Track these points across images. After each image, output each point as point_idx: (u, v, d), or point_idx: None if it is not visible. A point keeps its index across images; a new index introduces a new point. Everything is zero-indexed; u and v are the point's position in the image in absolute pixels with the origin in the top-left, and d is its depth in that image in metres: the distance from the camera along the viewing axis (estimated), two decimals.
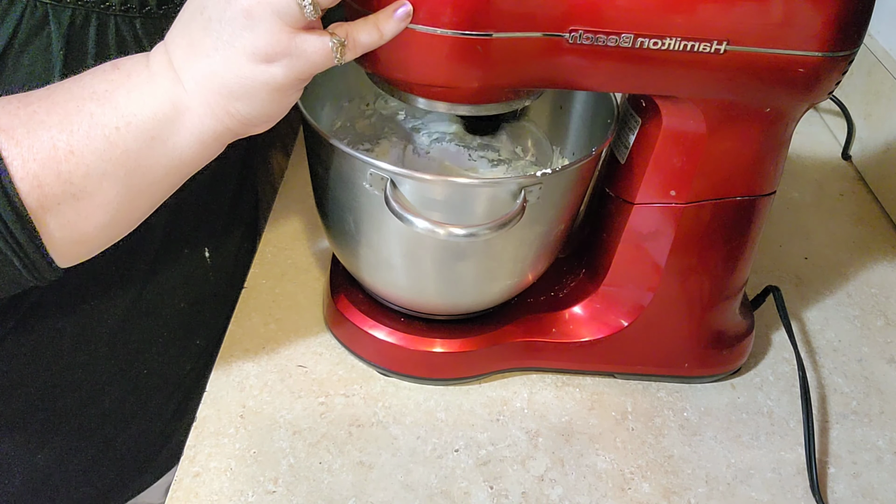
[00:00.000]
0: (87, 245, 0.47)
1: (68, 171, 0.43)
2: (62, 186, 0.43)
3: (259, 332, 0.66)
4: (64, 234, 0.44)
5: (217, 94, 0.44)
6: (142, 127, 0.44)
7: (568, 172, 0.54)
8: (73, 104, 0.43)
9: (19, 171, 0.41)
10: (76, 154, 0.43)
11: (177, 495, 0.54)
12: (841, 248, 0.81)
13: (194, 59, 0.44)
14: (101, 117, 0.43)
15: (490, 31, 0.44)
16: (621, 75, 0.49)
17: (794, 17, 0.46)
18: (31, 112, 0.43)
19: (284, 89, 0.45)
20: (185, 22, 0.44)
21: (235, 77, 0.43)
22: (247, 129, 0.47)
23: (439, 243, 0.55)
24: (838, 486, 0.59)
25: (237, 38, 0.42)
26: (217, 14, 0.42)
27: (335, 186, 0.56)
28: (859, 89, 0.94)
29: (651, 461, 0.59)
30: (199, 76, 0.44)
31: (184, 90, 0.44)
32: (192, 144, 0.46)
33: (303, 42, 0.43)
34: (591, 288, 0.63)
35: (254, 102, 0.45)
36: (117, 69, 0.45)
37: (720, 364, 0.65)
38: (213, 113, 0.45)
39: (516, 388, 0.64)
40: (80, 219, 0.44)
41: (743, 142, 0.53)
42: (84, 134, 0.43)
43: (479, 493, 0.56)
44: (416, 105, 0.50)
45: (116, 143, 0.43)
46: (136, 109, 0.44)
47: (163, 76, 0.44)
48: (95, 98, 0.43)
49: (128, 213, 0.47)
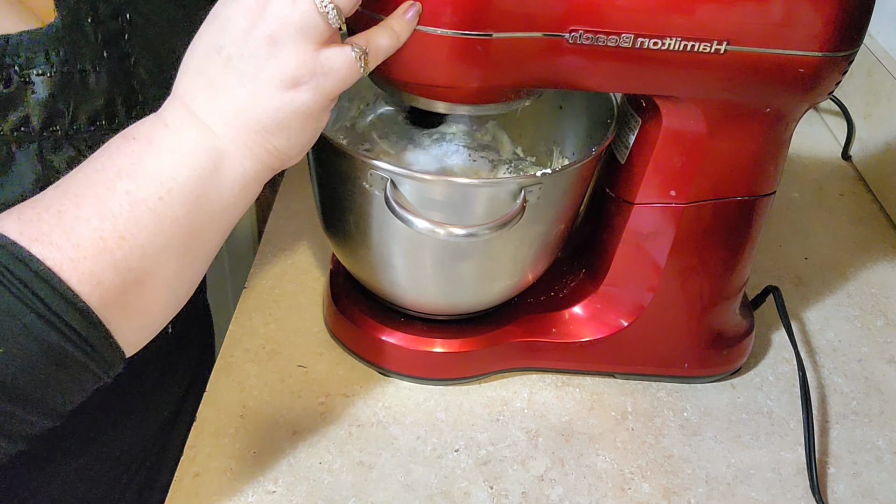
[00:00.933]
0: (152, 325, 0.44)
1: (124, 257, 0.40)
2: (121, 275, 0.40)
3: (259, 332, 0.66)
4: (132, 322, 0.42)
5: (251, 132, 0.43)
6: (184, 190, 0.41)
7: (568, 172, 0.54)
8: (103, 189, 0.40)
9: (73, 274, 0.38)
10: (127, 238, 0.40)
11: (177, 495, 0.54)
12: (841, 248, 0.81)
13: (219, 101, 0.42)
14: (139, 192, 0.40)
15: (490, 31, 0.44)
16: (621, 75, 0.49)
17: (795, 17, 0.46)
18: (56, 213, 0.39)
19: (315, 113, 0.43)
20: (197, 67, 0.43)
21: (266, 109, 0.42)
22: (283, 163, 0.45)
23: (439, 243, 0.55)
24: (838, 486, 0.59)
25: (263, 68, 0.41)
26: (237, 49, 0.41)
27: (335, 186, 0.56)
28: (859, 89, 0.94)
29: (651, 461, 0.59)
30: (229, 116, 0.42)
31: (215, 135, 0.42)
32: (236, 190, 0.44)
33: (327, 59, 0.42)
34: (591, 288, 0.63)
35: (289, 134, 0.43)
36: (133, 139, 0.42)
37: (720, 364, 0.65)
38: (251, 153, 0.43)
39: (516, 388, 0.64)
40: (147, 302, 0.42)
41: (743, 142, 0.53)
42: (128, 215, 0.40)
43: (479, 493, 0.56)
44: (417, 105, 0.50)
45: (164, 214, 0.41)
46: (173, 173, 0.41)
47: (188, 129, 0.42)
48: (124, 175, 0.41)
49: (186, 280, 0.45)
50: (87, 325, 0.39)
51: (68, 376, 0.40)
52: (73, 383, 0.41)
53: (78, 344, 0.39)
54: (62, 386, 0.40)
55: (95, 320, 0.39)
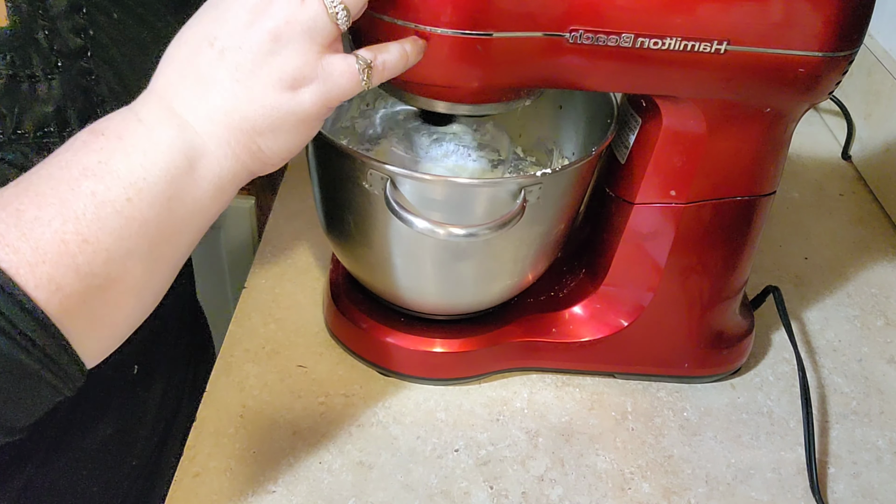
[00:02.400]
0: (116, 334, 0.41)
1: (87, 262, 0.37)
2: (84, 281, 0.37)
3: (259, 332, 0.66)
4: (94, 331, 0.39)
5: (239, 131, 0.40)
6: (154, 190, 0.38)
7: (568, 172, 0.54)
8: (66, 188, 0.37)
9: (30, 279, 0.35)
10: (91, 242, 0.37)
11: (177, 495, 0.54)
12: (841, 248, 0.81)
13: (206, 96, 0.40)
14: (106, 193, 0.37)
15: (490, 31, 0.44)
16: (621, 75, 0.49)
17: (795, 17, 0.46)
18: (15, 212, 0.36)
19: (310, 119, 0.42)
20: (184, 59, 0.41)
21: (260, 109, 0.40)
22: (264, 167, 0.43)
23: (439, 243, 0.55)
24: (838, 486, 0.59)
25: (263, 65, 0.39)
26: (234, 42, 0.39)
27: (335, 186, 0.56)
28: (859, 89, 0.94)
29: (651, 461, 0.59)
30: (217, 114, 0.40)
31: (196, 134, 0.40)
32: (211, 192, 0.41)
33: (329, 65, 0.41)
34: (591, 288, 0.63)
35: (278, 136, 0.41)
36: (101, 135, 0.39)
37: (720, 364, 0.65)
38: (233, 153, 0.41)
39: (516, 388, 0.64)
40: (110, 310, 0.39)
41: (743, 142, 0.53)
42: (93, 217, 0.37)
43: (479, 493, 0.56)
44: (417, 105, 0.50)
45: (132, 216, 0.38)
46: (143, 173, 0.38)
47: (164, 125, 0.39)
48: (90, 173, 0.38)
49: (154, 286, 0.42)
50: (44, 335, 0.36)
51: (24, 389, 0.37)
52: (30, 397, 0.38)
53: (34, 354, 0.36)
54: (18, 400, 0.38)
55: (53, 330, 0.37)
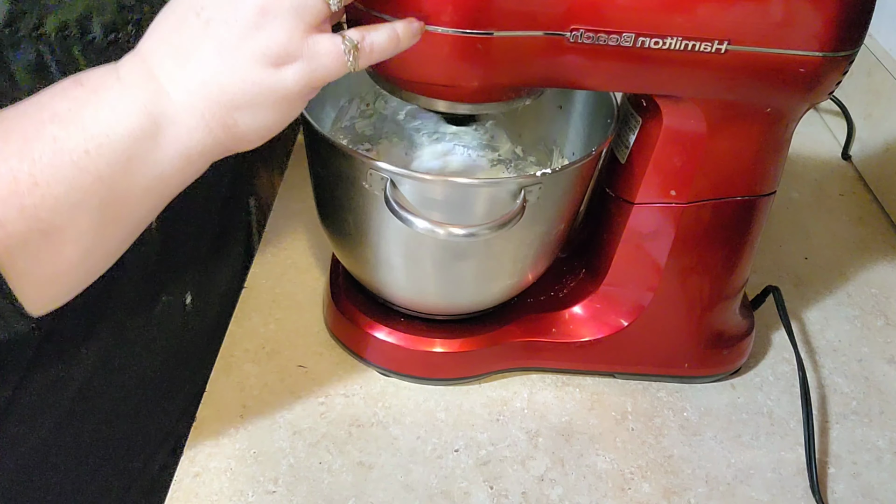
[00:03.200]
0: (60, 286, 0.41)
1: (33, 204, 0.37)
2: (27, 223, 0.37)
3: (259, 332, 0.66)
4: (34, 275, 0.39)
5: (215, 104, 0.40)
6: (116, 148, 0.38)
7: (568, 172, 0.54)
8: (32, 128, 0.38)
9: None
10: (41, 185, 0.37)
11: (177, 495, 0.54)
12: (841, 248, 0.81)
13: (188, 66, 0.40)
14: (67, 141, 0.38)
15: (491, 30, 0.44)
16: (622, 75, 0.49)
17: (795, 17, 0.46)
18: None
19: (292, 98, 0.41)
20: (171, 26, 0.40)
21: (240, 83, 0.40)
22: (239, 143, 0.42)
23: (439, 243, 0.55)
24: (838, 486, 0.59)
25: (247, 39, 0.39)
26: (221, 14, 0.39)
27: (335, 186, 0.56)
28: (859, 89, 0.94)
29: (651, 461, 0.59)
30: (195, 84, 0.40)
31: (170, 101, 0.40)
32: (176, 161, 0.41)
33: (315, 44, 0.40)
34: (591, 288, 0.63)
35: (257, 112, 0.41)
36: (80, 85, 0.39)
37: (720, 364, 0.65)
38: (206, 125, 0.41)
39: (516, 388, 0.64)
40: (51, 256, 0.39)
41: (743, 142, 0.53)
42: (48, 162, 0.37)
43: (479, 493, 0.56)
44: (417, 104, 0.50)
45: (87, 169, 0.38)
46: (107, 129, 0.38)
47: (140, 87, 0.39)
48: (57, 119, 0.38)
49: (104, 245, 0.42)
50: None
51: None
52: None
53: None
54: None
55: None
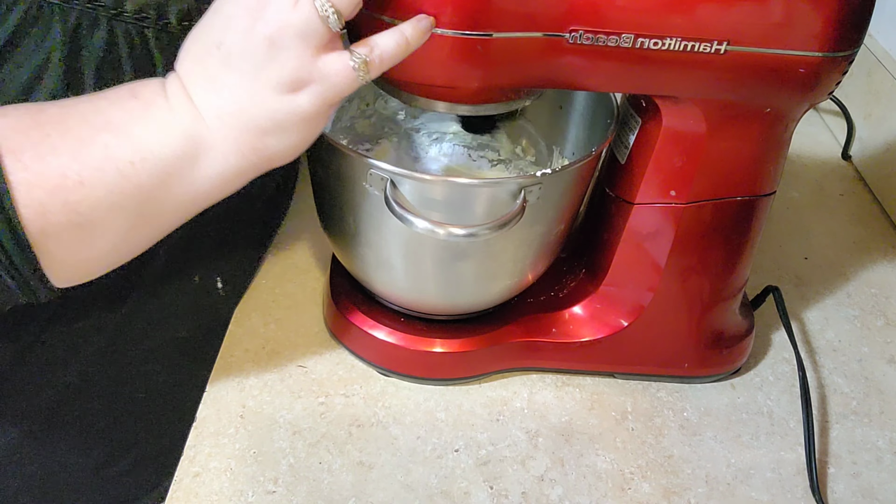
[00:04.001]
0: (87, 269, 0.45)
1: (76, 201, 0.41)
2: (68, 216, 0.41)
3: (259, 332, 0.66)
4: (65, 259, 0.43)
5: (244, 132, 0.43)
6: (158, 164, 0.42)
7: (568, 172, 0.54)
8: (88, 132, 0.41)
9: (24, 197, 0.40)
10: (86, 185, 0.41)
11: (177, 495, 0.54)
12: (841, 248, 0.81)
13: (216, 96, 0.42)
14: (116, 150, 0.41)
15: (490, 31, 0.44)
16: (621, 75, 0.49)
17: (795, 17, 0.46)
18: (43, 135, 0.41)
19: (312, 118, 0.43)
20: (198, 56, 0.43)
21: (263, 111, 0.42)
22: (271, 163, 0.45)
23: (439, 243, 0.55)
24: (838, 486, 0.59)
25: (261, 69, 0.41)
26: (237, 48, 0.41)
27: (335, 186, 0.56)
28: (859, 89, 0.94)
29: (651, 461, 0.59)
30: (224, 114, 0.42)
31: (206, 128, 0.43)
32: (213, 181, 0.44)
33: (325, 65, 0.42)
34: (591, 288, 0.63)
35: (283, 136, 0.43)
36: (135, 97, 0.43)
37: (720, 364, 0.65)
38: (238, 150, 0.43)
39: (516, 388, 0.64)
40: (84, 246, 0.43)
41: (743, 142, 0.53)
42: (97, 165, 0.41)
43: (479, 493, 0.56)
44: (416, 105, 0.50)
45: (130, 178, 0.42)
46: (153, 145, 0.42)
47: (183, 110, 0.43)
48: (111, 128, 0.42)
49: (133, 241, 0.45)
50: (17, 247, 0.40)
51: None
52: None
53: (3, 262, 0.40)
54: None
55: (25, 245, 0.40)
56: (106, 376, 0.61)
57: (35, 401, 0.59)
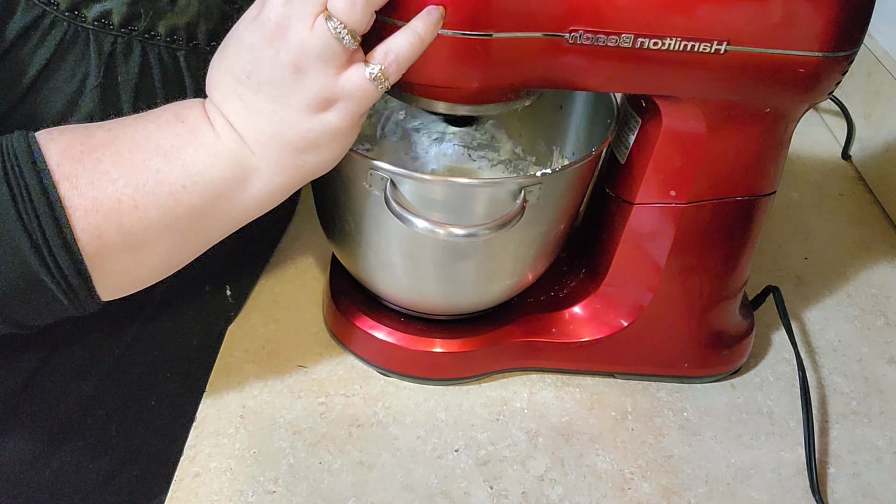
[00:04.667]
0: (134, 282, 0.47)
1: (130, 224, 0.43)
2: (122, 238, 0.43)
3: (259, 332, 0.66)
4: (115, 275, 0.45)
5: (284, 153, 0.45)
6: (209, 187, 0.44)
7: (568, 172, 0.54)
8: (139, 157, 0.43)
9: (81, 221, 0.41)
10: (140, 209, 0.43)
11: (177, 495, 0.54)
12: (841, 248, 0.81)
13: (254, 123, 0.44)
14: (168, 175, 0.43)
15: (490, 32, 0.44)
16: (621, 75, 0.49)
17: (795, 17, 0.46)
18: (95, 160, 0.42)
19: (344, 132, 0.45)
20: (230, 87, 0.44)
21: (298, 132, 0.44)
22: (313, 176, 0.47)
23: (439, 243, 0.55)
24: (838, 486, 0.59)
25: (291, 94, 0.43)
26: (265, 76, 0.43)
27: (335, 186, 0.56)
28: (859, 89, 0.94)
29: (651, 461, 0.59)
30: (264, 137, 0.44)
31: (251, 153, 0.45)
32: (259, 199, 0.46)
33: (346, 82, 0.43)
34: (591, 288, 0.63)
35: (320, 152, 0.45)
36: (182, 122, 0.44)
37: (720, 364, 0.65)
38: (281, 170, 0.45)
39: (516, 388, 0.64)
40: (134, 263, 0.45)
41: (743, 142, 0.53)
42: (150, 190, 0.43)
43: (479, 493, 0.56)
44: (417, 105, 0.50)
45: (181, 201, 0.44)
46: (203, 170, 0.44)
47: (227, 136, 0.44)
48: (161, 153, 0.43)
49: (180, 256, 0.48)
50: (75, 272, 0.42)
51: (41, 302, 0.43)
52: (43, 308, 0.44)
53: (59, 282, 0.42)
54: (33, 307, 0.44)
55: (82, 267, 0.42)
56: (120, 386, 0.62)
57: (54, 410, 0.60)
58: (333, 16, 0.41)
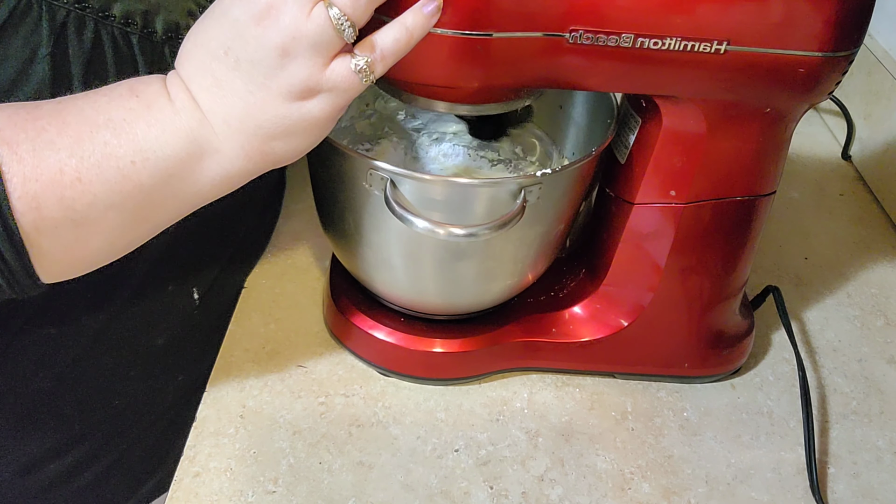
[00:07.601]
0: (78, 265, 0.45)
1: (72, 197, 0.40)
2: (63, 212, 0.40)
3: (259, 332, 0.66)
4: (56, 255, 0.42)
5: (251, 136, 0.43)
6: (160, 165, 0.42)
7: (568, 172, 0.54)
8: (87, 128, 0.41)
9: (18, 189, 0.39)
10: (84, 182, 0.40)
11: (177, 495, 0.54)
12: (841, 248, 0.81)
13: (223, 102, 0.42)
14: (117, 148, 0.41)
15: (490, 31, 0.44)
16: (621, 75, 0.49)
17: (795, 17, 0.46)
18: (39, 128, 0.40)
19: (322, 123, 0.44)
20: (203, 60, 0.42)
21: (272, 117, 0.42)
22: (276, 164, 0.45)
23: (439, 243, 0.55)
24: (838, 486, 0.59)
25: (271, 77, 0.41)
26: (246, 55, 0.41)
27: (335, 186, 0.56)
28: (859, 89, 0.94)
29: (651, 461, 0.59)
30: (233, 119, 0.42)
31: (213, 132, 0.42)
32: (215, 182, 0.44)
33: (332, 73, 0.42)
34: (591, 288, 0.63)
35: (291, 140, 0.44)
36: (136, 96, 0.42)
37: (720, 364, 0.65)
38: (245, 154, 0.43)
39: (516, 388, 0.64)
40: (76, 243, 0.42)
41: (743, 142, 0.53)
42: (95, 163, 0.40)
43: (479, 493, 0.56)
44: (417, 105, 0.50)
45: (129, 177, 0.41)
46: (156, 146, 0.41)
47: (188, 112, 0.42)
48: (111, 126, 0.41)
49: (127, 239, 0.45)
50: (9, 245, 0.40)
51: None
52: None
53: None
54: None
55: (17, 239, 0.40)
56: (81, 383, 0.61)
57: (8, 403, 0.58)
58: (336, 5, 0.40)
